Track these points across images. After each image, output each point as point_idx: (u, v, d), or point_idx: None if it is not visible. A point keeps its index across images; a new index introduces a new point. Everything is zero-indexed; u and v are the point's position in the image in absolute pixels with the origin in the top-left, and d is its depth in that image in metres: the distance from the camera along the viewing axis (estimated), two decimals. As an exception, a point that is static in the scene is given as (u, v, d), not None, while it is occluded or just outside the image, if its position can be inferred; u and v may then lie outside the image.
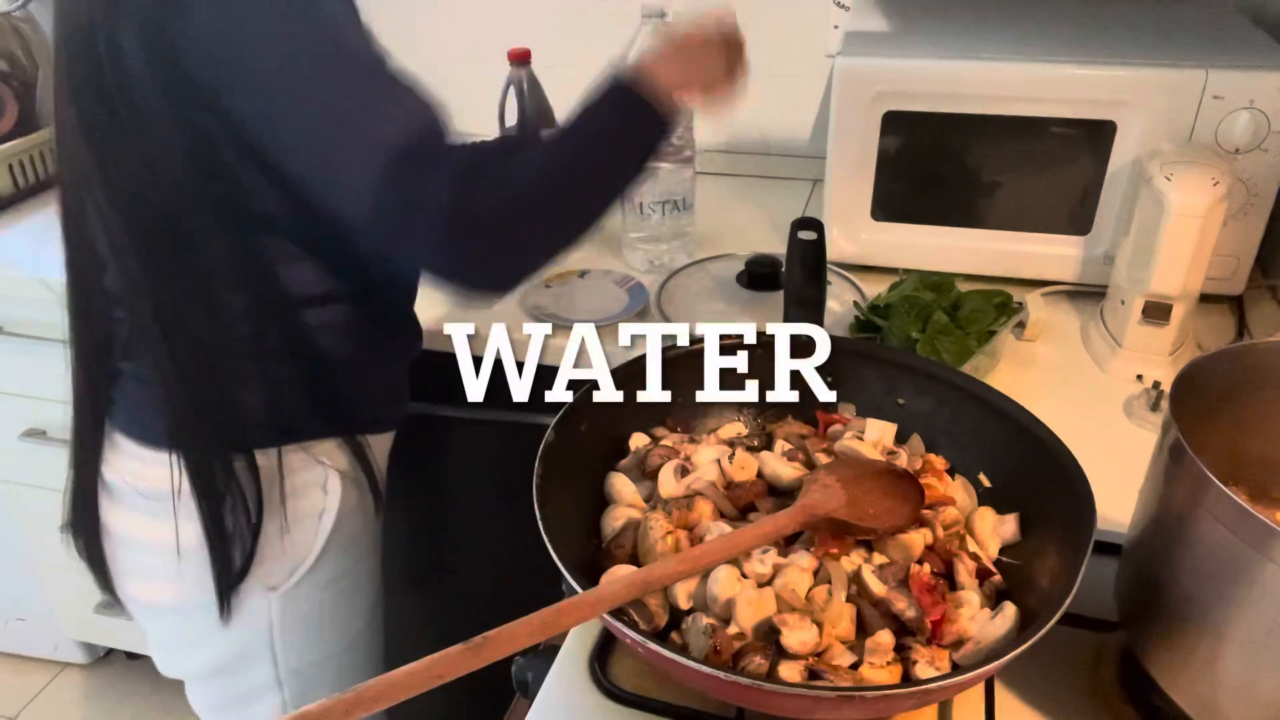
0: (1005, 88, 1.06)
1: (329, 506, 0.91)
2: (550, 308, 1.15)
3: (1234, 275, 1.08)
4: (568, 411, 0.73)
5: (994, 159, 1.12)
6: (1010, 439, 0.73)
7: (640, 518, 0.70)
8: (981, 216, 1.14)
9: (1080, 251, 1.12)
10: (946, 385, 0.78)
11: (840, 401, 0.83)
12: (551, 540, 0.61)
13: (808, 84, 1.47)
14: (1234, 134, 1.01)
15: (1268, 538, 0.50)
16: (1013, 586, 0.68)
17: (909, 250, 1.16)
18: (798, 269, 0.96)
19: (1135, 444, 0.89)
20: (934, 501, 0.72)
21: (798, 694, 0.55)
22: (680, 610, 0.65)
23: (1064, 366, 1.04)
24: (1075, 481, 0.66)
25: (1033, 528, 0.71)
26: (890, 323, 0.99)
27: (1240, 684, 0.55)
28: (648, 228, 1.23)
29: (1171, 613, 0.58)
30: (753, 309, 1.13)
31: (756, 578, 0.65)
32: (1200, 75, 1.00)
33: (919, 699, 0.60)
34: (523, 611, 0.55)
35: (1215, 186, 0.91)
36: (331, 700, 0.48)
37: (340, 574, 0.96)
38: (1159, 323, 0.97)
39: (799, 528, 0.67)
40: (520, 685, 0.72)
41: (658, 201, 1.20)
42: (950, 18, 1.22)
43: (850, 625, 0.64)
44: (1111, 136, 1.05)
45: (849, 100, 1.10)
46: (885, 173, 1.14)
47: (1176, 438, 0.56)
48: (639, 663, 0.69)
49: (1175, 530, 0.58)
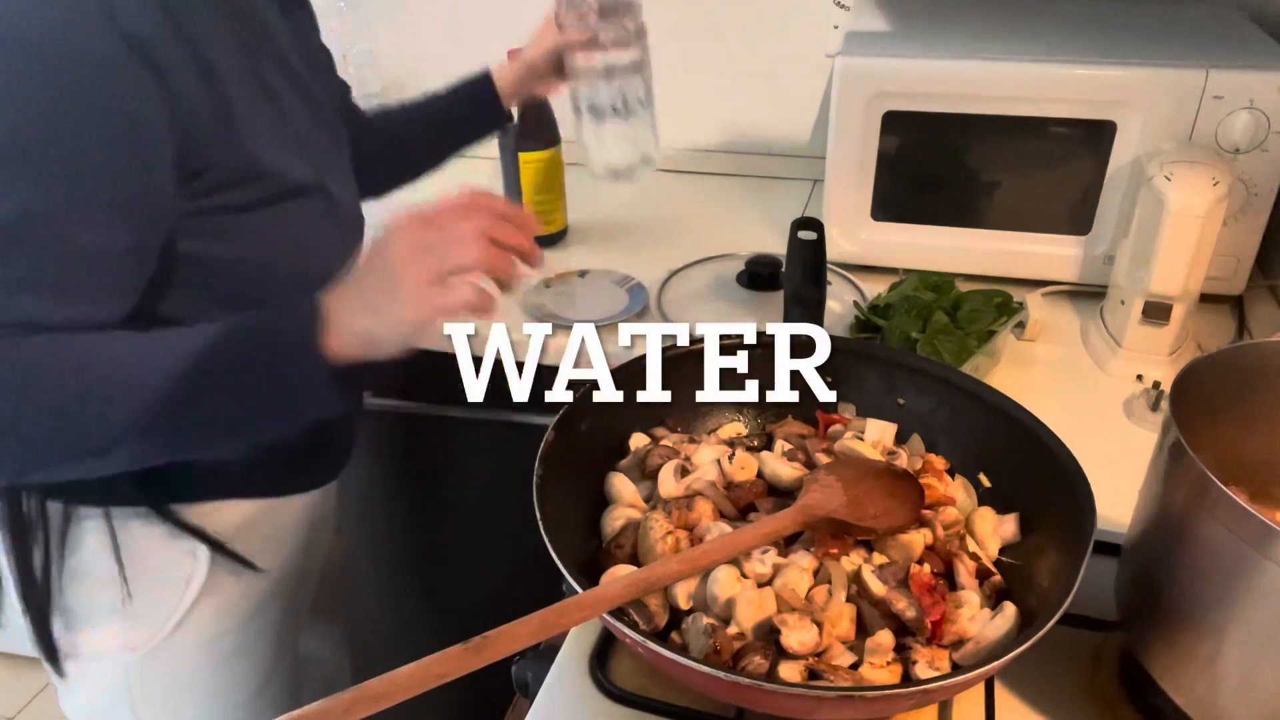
0: (1005, 88, 1.06)
1: (197, 572, 0.85)
2: (550, 308, 1.15)
3: (1234, 275, 1.08)
4: (568, 411, 0.73)
5: (994, 159, 1.12)
6: (1010, 439, 0.72)
7: (640, 518, 0.70)
8: (981, 216, 1.14)
9: (1080, 251, 1.12)
10: (946, 385, 0.78)
11: (840, 401, 0.83)
12: (551, 540, 0.61)
13: (808, 84, 1.47)
14: (1234, 134, 1.01)
15: (1268, 538, 0.50)
16: (1013, 586, 0.68)
17: (909, 250, 1.16)
18: (798, 269, 0.96)
19: (1135, 444, 0.89)
20: (934, 501, 0.72)
21: (798, 694, 0.55)
22: (680, 610, 0.65)
23: (1064, 366, 1.04)
24: (1075, 481, 0.66)
25: (1033, 528, 0.71)
26: (890, 323, 0.99)
27: (1240, 684, 0.55)
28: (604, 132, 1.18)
29: (1171, 613, 0.58)
30: (753, 309, 1.13)
31: (756, 578, 0.65)
32: (1200, 75, 1.00)
33: (919, 699, 0.60)
34: (522, 611, 0.55)
35: (1215, 186, 0.91)
36: (331, 699, 0.48)
37: (215, 637, 0.89)
38: (1159, 323, 0.97)
39: (799, 528, 0.67)
40: (520, 685, 0.72)
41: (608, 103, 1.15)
42: (950, 18, 1.22)
43: (850, 625, 0.64)
44: (1111, 136, 1.05)
45: (849, 100, 1.10)
46: (885, 173, 1.14)
47: (1176, 438, 0.56)
48: (639, 663, 0.69)
49: (1175, 530, 0.58)
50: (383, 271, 0.63)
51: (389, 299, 0.63)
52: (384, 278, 0.63)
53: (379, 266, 0.64)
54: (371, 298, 0.64)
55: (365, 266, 0.65)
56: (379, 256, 0.64)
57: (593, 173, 0.99)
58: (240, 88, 0.72)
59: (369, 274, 0.65)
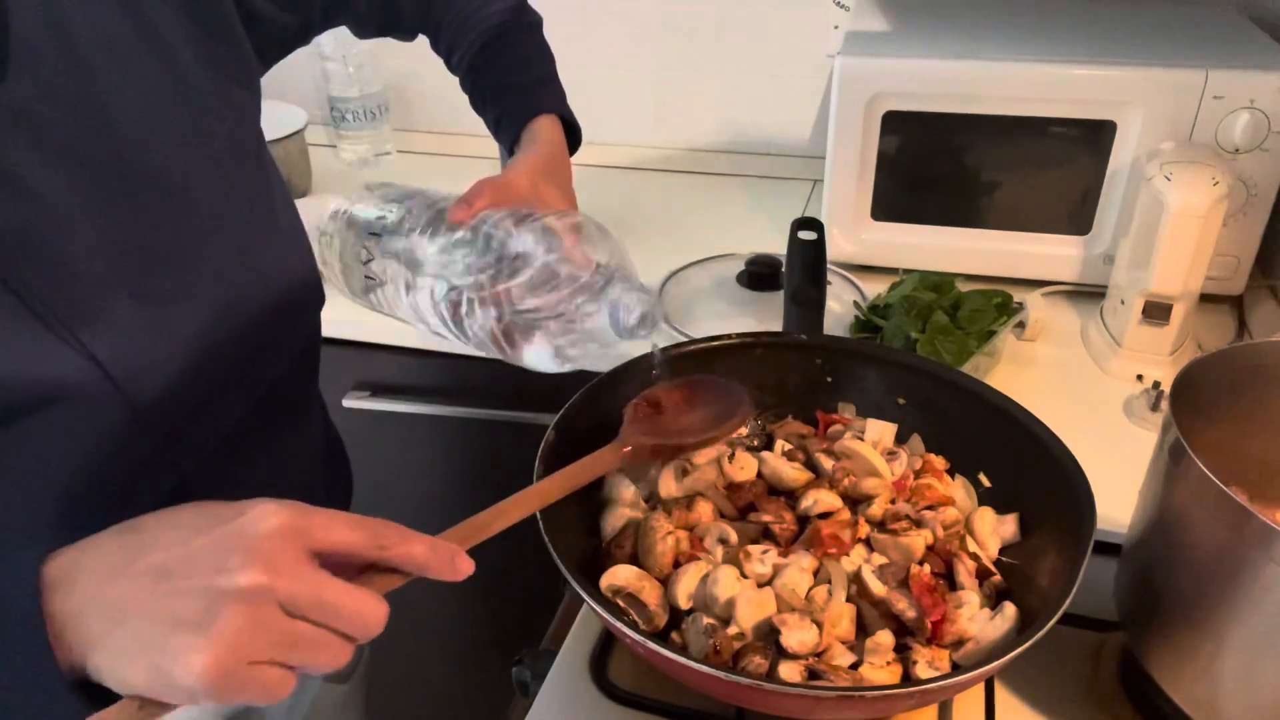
0: (1005, 88, 1.06)
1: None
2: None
3: (1234, 275, 1.08)
4: (568, 412, 0.73)
5: (994, 159, 1.12)
6: (1010, 439, 0.72)
7: (640, 518, 0.70)
8: (981, 216, 1.14)
9: (1080, 251, 1.12)
10: (946, 385, 0.78)
11: (840, 401, 0.83)
12: (551, 540, 0.61)
13: (808, 84, 1.47)
14: (1234, 134, 1.00)
15: (1268, 538, 0.50)
16: (1013, 586, 0.68)
17: (909, 250, 1.16)
18: (798, 269, 0.96)
19: (1135, 444, 0.89)
20: (934, 501, 0.72)
21: (798, 694, 0.55)
22: (680, 610, 0.65)
23: (1064, 366, 1.04)
24: (1075, 481, 0.66)
25: (1033, 528, 0.71)
26: (890, 323, 0.99)
27: (1240, 684, 0.55)
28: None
29: (1171, 613, 0.58)
30: (753, 309, 1.13)
31: (756, 578, 0.65)
32: (1200, 75, 1.00)
33: (919, 699, 0.60)
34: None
35: (1215, 186, 0.91)
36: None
37: None
38: (1159, 323, 0.97)
39: (621, 464, 0.67)
40: (520, 685, 0.72)
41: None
42: (950, 18, 1.21)
43: (850, 625, 0.64)
44: (1111, 136, 1.05)
45: (849, 100, 1.10)
46: (885, 173, 1.14)
47: (1176, 438, 0.56)
48: (639, 663, 0.69)
49: (1175, 530, 0.58)
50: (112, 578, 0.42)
51: (115, 624, 0.41)
52: (111, 594, 0.42)
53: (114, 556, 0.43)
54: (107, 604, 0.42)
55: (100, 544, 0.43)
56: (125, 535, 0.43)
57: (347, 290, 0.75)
58: None
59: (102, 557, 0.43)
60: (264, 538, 0.41)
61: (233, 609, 0.40)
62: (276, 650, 0.41)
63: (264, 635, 0.41)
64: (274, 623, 0.41)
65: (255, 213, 0.67)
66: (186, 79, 0.61)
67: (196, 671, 0.39)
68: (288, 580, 0.41)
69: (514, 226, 0.64)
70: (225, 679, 0.40)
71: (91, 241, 0.55)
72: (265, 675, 0.41)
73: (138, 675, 0.41)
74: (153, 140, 0.58)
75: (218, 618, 0.40)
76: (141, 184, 0.58)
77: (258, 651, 0.41)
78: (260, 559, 0.41)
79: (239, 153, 0.66)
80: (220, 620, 0.40)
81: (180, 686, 0.40)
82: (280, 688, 0.41)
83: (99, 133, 0.55)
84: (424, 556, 0.46)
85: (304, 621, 0.42)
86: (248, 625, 0.40)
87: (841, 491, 0.72)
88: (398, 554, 0.45)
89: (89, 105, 0.55)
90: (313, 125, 1.49)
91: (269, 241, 0.69)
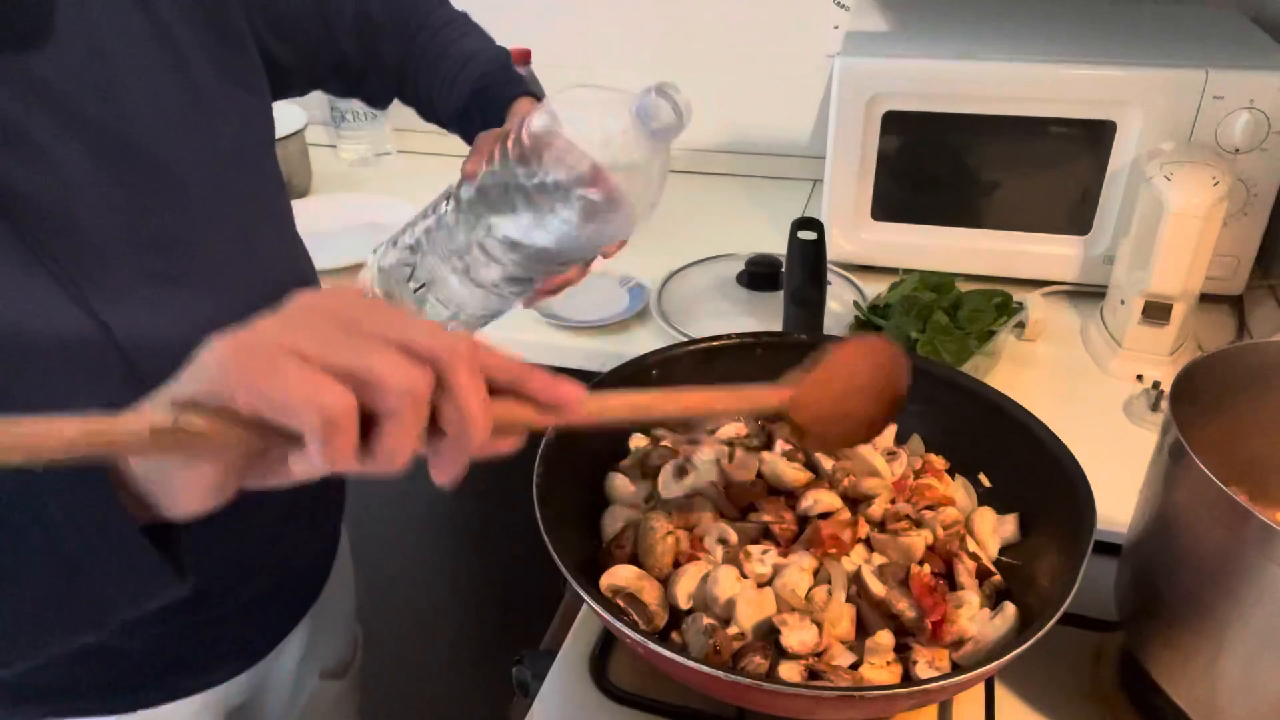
0: (1005, 88, 1.06)
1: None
2: (550, 308, 1.15)
3: (1234, 275, 1.08)
4: (568, 411, 0.72)
5: (994, 159, 1.12)
6: (1010, 439, 0.72)
7: (640, 518, 0.70)
8: (981, 216, 1.15)
9: (1080, 251, 1.13)
10: (946, 385, 0.78)
11: (840, 401, 0.82)
12: (551, 540, 0.61)
13: (808, 84, 1.47)
14: (1234, 134, 1.00)
15: (1268, 538, 0.50)
16: (1013, 586, 0.68)
17: (909, 250, 1.16)
18: (798, 269, 0.96)
19: (1135, 444, 0.89)
20: (934, 501, 0.72)
21: (798, 694, 0.55)
22: (680, 610, 0.65)
23: (1064, 366, 1.04)
24: (1075, 481, 0.66)
25: (1033, 528, 0.71)
26: (890, 323, 0.99)
27: (1240, 684, 0.55)
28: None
29: (1171, 613, 0.58)
30: (753, 309, 1.13)
31: (756, 578, 0.65)
32: (1200, 75, 1.00)
33: (919, 699, 0.60)
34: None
35: (1215, 186, 0.91)
36: None
37: None
38: (1159, 323, 0.97)
39: (776, 411, 0.63)
40: (520, 686, 0.72)
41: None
42: (950, 18, 1.21)
43: (850, 625, 0.64)
44: (1111, 136, 1.06)
45: (849, 100, 1.10)
46: (885, 173, 1.14)
47: (1176, 438, 0.56)
48: (639, 663, 0.69)
49: (1175, 530, 0.58)
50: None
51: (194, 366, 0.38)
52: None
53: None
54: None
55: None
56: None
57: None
58: None
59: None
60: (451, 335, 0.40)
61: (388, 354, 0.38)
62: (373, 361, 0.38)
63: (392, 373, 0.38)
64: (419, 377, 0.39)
65: (256, 213, 0.68)
66: (195, 79, 0.63)
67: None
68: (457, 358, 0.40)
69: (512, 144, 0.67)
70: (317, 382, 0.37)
71: (103, 215, 0.56)
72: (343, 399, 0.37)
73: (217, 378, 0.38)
74: (159, 132, 0.59)
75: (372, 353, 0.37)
76: (144, 172, 0.59)
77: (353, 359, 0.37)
78: (442, 335, 0.40)
79: (243, 155, 0.67)
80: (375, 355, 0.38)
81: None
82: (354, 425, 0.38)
83: (112, 117, 0.57)
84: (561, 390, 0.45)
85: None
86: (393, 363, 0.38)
87: (841, 491, 0.72)
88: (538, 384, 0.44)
89: (105, 90, 0.57)
90: (313, 125, 1.49)
91: (269, 241, 0.70)
